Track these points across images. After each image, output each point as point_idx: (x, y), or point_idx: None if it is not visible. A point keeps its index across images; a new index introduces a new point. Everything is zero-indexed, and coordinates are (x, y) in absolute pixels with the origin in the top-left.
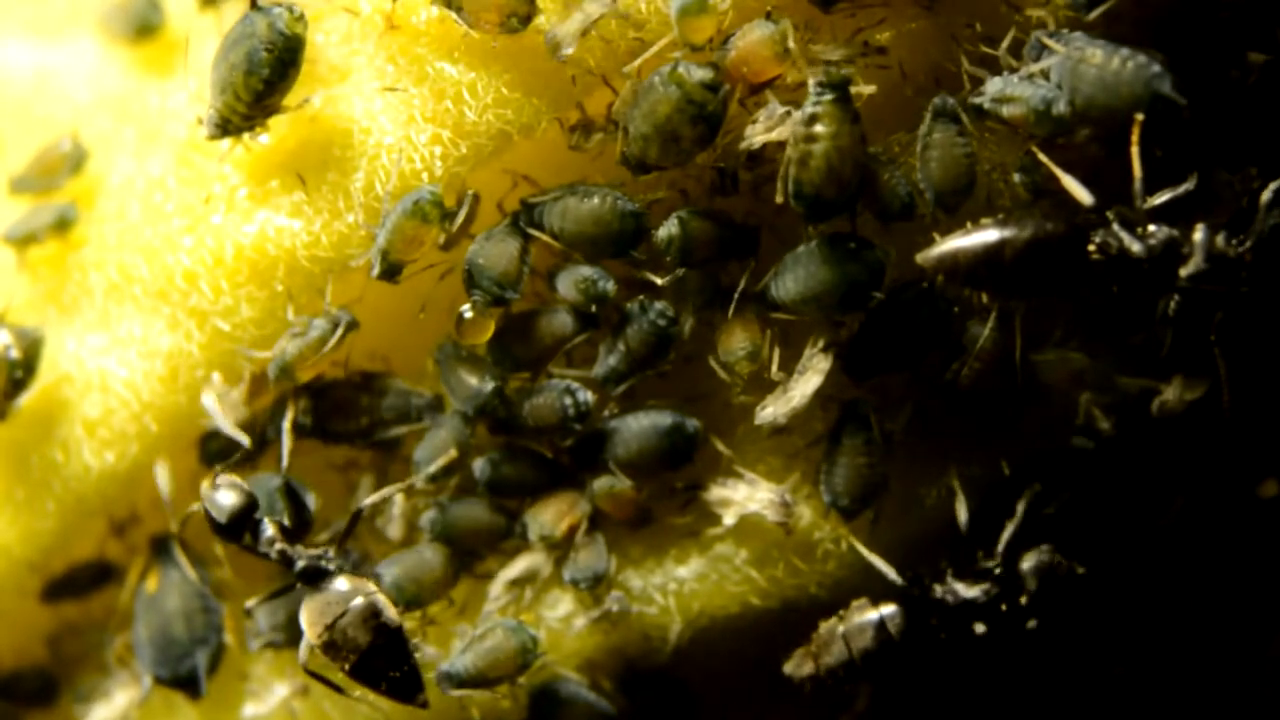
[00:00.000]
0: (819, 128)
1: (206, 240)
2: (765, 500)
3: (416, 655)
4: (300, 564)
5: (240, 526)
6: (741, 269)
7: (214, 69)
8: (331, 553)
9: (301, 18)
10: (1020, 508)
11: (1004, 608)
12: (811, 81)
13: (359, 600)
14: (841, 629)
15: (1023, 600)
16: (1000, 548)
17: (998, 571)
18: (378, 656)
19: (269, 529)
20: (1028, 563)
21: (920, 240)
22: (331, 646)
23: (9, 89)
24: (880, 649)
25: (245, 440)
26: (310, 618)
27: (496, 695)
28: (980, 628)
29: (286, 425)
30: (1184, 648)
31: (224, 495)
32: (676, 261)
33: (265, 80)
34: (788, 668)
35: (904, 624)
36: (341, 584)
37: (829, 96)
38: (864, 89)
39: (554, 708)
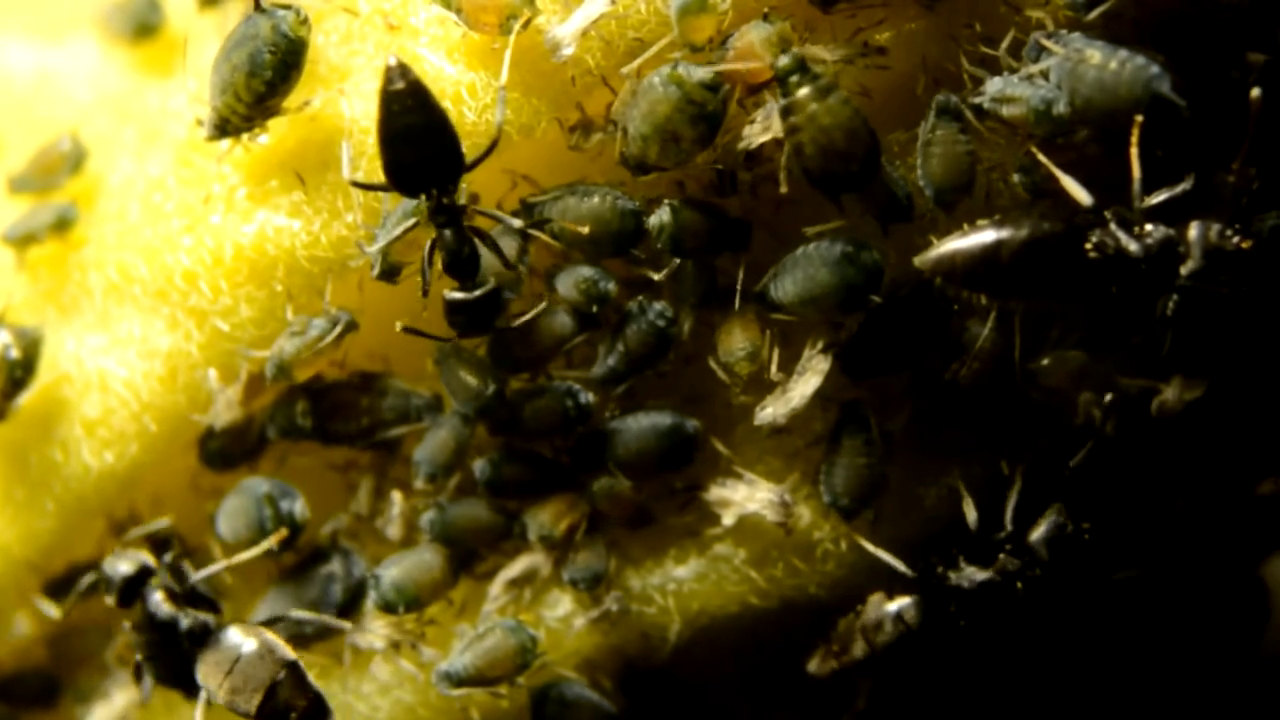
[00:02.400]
0: (796, 116)
1: (206, 240)
2: (764, 500)
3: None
4: (184, 625)
5: (132, 594)
6: (735, 263)
7: (215, 70)
8: (214, 611)
9: (306, 21)
10: (1017, 480)
11: (1019, 585)
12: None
13: (251, 643)
14: (860, 624)
15: (1036, 572)
16: (1008, 519)
17: (1009, 548)
18: (281, 692)
19: (156, 594)
20: (1037, 533)
21: (919, 240)
22: (235, 693)
23: (9, 89)
24: (900, 640)
25: None
26: (207, 673)
27: (496, 695)
28: (998, 609)
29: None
30: (1182, 646)
31: (120, 564)
32: (668, 249)
33: (267, 82)
34: (810, 666)
35: (922, 614)
36: (232, 635)
37: (792, 82)
38: (825, 56)
39: (553, 707)
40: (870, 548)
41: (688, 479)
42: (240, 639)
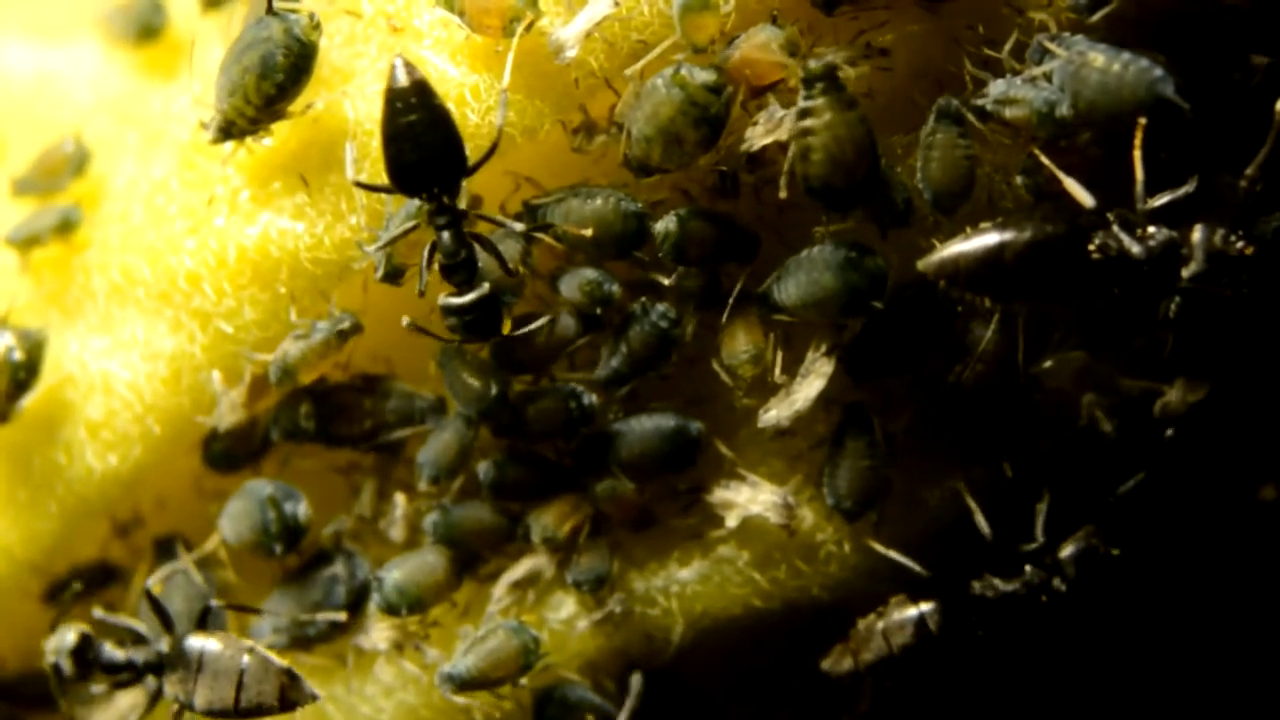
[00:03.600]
0: (812, 120)
1: (209, 242)
2: (768, 502)
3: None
4: (140, 660)
5: (88, 663)
6: (740, 272)
7: (223, 71)
8: (165, 642)
9: (318, 25)
10: (1046, 496)
11: (1044, 599)
12: (800, 76)
13: (211, 644)
14: (881, 625)
15: (1060, 587)
16: (1038, 534)
17: (1047, 560)
18: (251, 680)
19: (105, 646)
20: (1068, 550)
21: (922, 243)
22: (209, 696)
23: (12, 91)
24: (920, 644)
25: None
26: (176, 690)
27: (499, 696)
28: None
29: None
30: (1183, 650)
31: (62, 638)
32: (670, 257)
33: (278, 85)
34: (826, 664)
35: (944, 619)
36: (191, 643)
37: (818, 88)
38: (851, 72)
39: (556, 709)
40: (880, 548)
41: (691, 481)
42: (199, 643)
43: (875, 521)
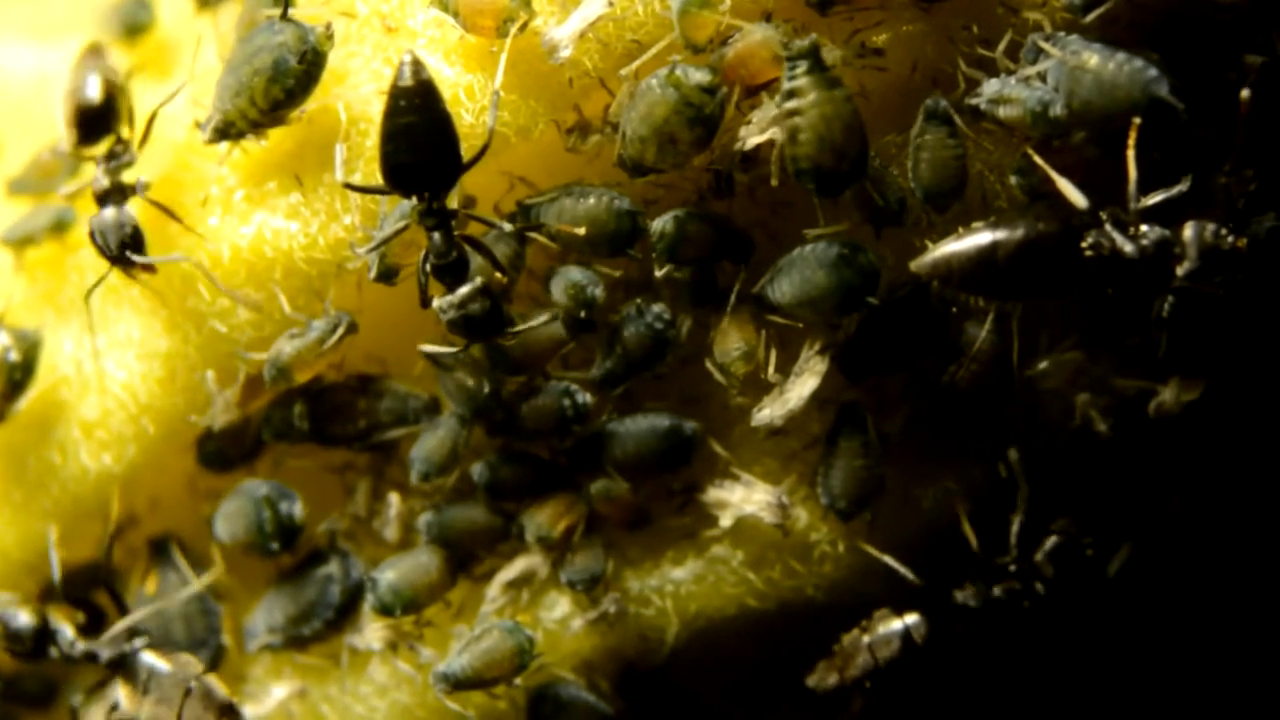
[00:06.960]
0: (798, 101)
1: (204, 242)
2: (762, 502)
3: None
4: (105, 655)
5: (44, 642)
6: (734, 272)
7: (230, 73)
8: (137, 637)
9: (332, 35)
10: (1022, 501)
11: (1026, 604)
12: (785, 59)
13: (162, 665)
14: (866, 639)
15: (1039, 588)
16: (1012, 541)
17: (1013, 568)
18: (192, 707)
19: (67, 632)
20: (1043, 549)
21: (915, 242)
22: (154, 714)
23: (8, 91)
24: (905, 657)
25: None
26: (125, 697)
27: (493, 696)
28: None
29: None
30: (1178, 657)
31: (18, 618)
32: (665, 258)
33: (288, 90)
34: (811, 681)
35: (929, 631)
36: (145, 659)
37: (801, 67)
38: (833, 52)
39: (550, 709)
40: (872, 551)
41: (685, 480)
42: (152, 661)
43: (870, 521)
